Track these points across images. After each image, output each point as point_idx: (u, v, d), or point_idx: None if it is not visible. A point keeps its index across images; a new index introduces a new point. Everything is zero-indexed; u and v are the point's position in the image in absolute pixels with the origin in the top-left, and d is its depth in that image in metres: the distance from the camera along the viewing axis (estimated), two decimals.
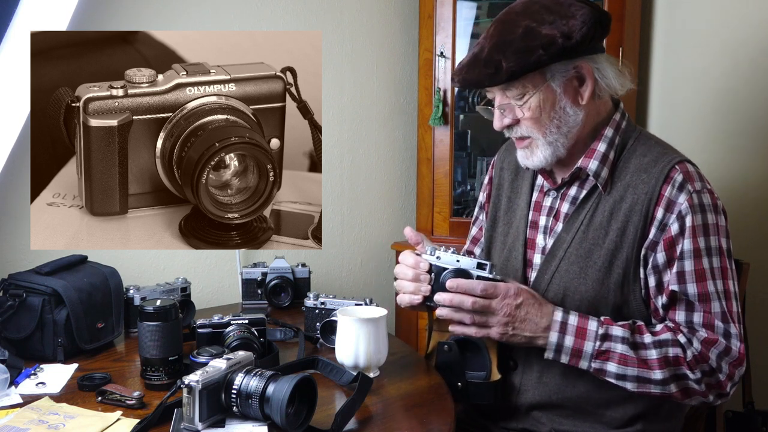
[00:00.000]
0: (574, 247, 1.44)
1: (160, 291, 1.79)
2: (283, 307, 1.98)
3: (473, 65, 1.39)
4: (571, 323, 1.36)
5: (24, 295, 1.56)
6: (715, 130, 2.20)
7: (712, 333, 1.34)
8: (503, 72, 1.34)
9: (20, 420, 1.26)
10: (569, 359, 1.37)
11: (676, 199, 1.36)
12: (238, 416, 1.25)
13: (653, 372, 1.33)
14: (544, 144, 1.42)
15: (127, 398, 1.34)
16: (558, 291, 1.45)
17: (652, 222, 1.38)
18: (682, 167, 1.39)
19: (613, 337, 1.35)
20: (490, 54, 1.36)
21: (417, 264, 1.44)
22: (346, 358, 1.47)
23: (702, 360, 1.32)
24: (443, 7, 2.28)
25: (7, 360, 1.45)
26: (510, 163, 1.64)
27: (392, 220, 2.57)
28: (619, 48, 2.22)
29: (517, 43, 1.34)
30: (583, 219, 1.44)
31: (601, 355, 1.34)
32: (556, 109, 1.40)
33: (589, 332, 1.35)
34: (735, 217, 2.15)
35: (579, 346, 1.35)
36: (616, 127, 1.46)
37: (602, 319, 1.37)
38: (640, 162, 1.42)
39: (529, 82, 1.38)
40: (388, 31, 2.46)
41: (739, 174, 2.14)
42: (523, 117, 1.41)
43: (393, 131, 2.52)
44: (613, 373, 1.35)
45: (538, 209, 1.54)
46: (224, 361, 1.25)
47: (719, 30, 2.18)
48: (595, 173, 1.43)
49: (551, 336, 1.36)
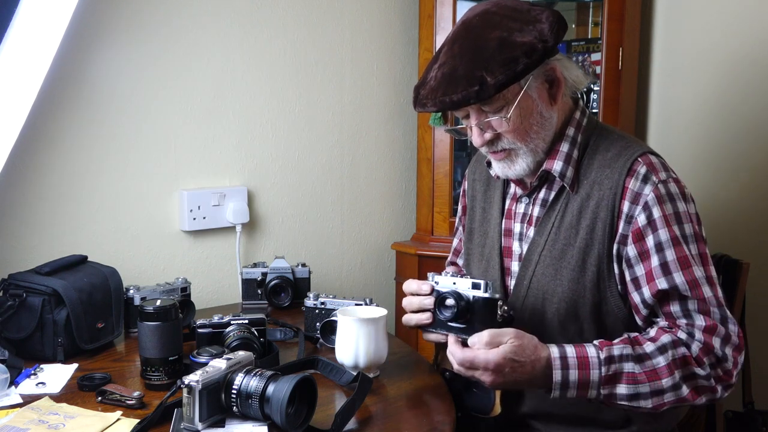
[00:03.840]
0: (547, 249, 1.43)
1: (160, 291, 1.79)
2: (283, 307, 1.98)
3: (452, 85, 1.33)
4: (570, 355, 1.29)
5: (24, 295, 1.56)
6: (715, 130, 2.20)
7: (709, 319, 1.31)
8: (490, 87, 1.30)
9: (20, 420, 1.26)
10: (577, 392, 1.29)
11: (641, 191, 1.34)
12: (238, 416, 1.25)
13: (664, 380, 1.28)
14: (526, 152, 1.40)
15: (127, 398, 1.34)
16: (537, 295, 1.43)
17: (620, 216, 1.36)
18: (644, 159, 1.37)
19: (616, 357, 1.29)
20: (469, 71, 1.31)
21: (420, 288, 1.42)
22: (346, 358, 1.47)
23: (707, 351, 1.30)
24: (443, 7, 2.28)
25: (7, 360, 1.45)
26: (481, 173, 1.63)
27: (392, 220, 2.57)
28: (619, 48, 2.22)
29: (497, 56, 1.30)
30: (554, 221, 1.43)
31: (609, 381, 1.28)
32: (534, 115, 1.38)
33: (591, 360, 1.28)
34: (735, 217, 2.16)
35: (585, 378, 1.28)
36: (577, 125, 1.44)
37: (596, 342, 1.31)
38: (604, 157, 1.40)
39: (507, 93, 1.34)
40: (388, 31, 2.46)
41: (739, 174, 2.14)
42: (504, 130, 1.38)
43: (393, 131, 2.52)
44: (625, 395, 1.29)
45: (511, 216, 1.53)
46: (224, 361, 1.25)
47: (719, 30, 2.18)
48: (561, 174, 1.41)
49: (555, 375, 1.28)
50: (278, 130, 2.26)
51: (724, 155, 2.17)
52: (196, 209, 2.09)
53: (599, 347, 1.30)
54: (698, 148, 2.22)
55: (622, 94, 2.26)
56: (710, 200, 2.16)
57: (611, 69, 2.23)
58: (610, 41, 2.22)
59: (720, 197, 2.17)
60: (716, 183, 2.17)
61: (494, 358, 1.26)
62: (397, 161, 2.54)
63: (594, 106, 2.30)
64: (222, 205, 2.14)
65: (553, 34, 1.32)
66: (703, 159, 2.20)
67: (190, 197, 2.07)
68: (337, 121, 2.39)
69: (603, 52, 2.24)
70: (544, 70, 1.37)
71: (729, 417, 1.76)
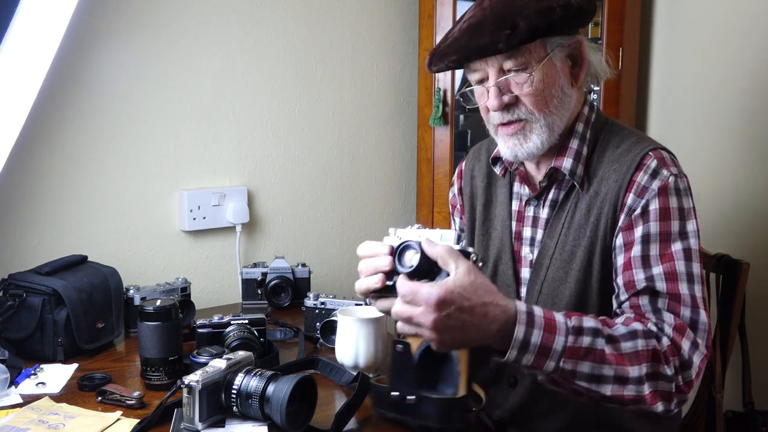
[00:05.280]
0: (558, 252, 1.36)
1: (160, 291, 1.79)
2: (283, 307, 1.98)
3: (478, 30, 1.23)
4: (538, 314, 1.10)
5: (24, 295, 1.56)
6: (715, 130, 2.20)
7: (678, 319, 1.20)
8: (522, 30, 1.19)
9: (20, 420, 1.26)
10: (534, 359, 1.09)
11: (649, 185, 1.26)
12: (238, 416, 1.25)
13: (630, 368, 1.12)
14: (542, 126, 1.30)
15: (127, 398, 1.34)
16: (546, 301, 1.36)
17: (622, 209, 1.28)
18: (656, 153, 1.29)
19: (586, 330, 1.12)
20: (500, 16, 1.22)
21: (377, 250, 1.14)
22: (346, 358, 1.47)
23: (675, 350, 1.17)
24: (443, 7, 2.28)
25: (7, 360, 1.45)
26: (480, 169, 1.54)
27: (392, 220, 2.56)
28: (619, 48, 2.22)
29: (532, 4, 1.22)
30: (563, 222, 1.36)
31: (574, 354, 1.10)
32: (556, 87, 1.29)
33: (559, 325, 1.10)
34: (735, 217, 2.16)
35: (548, 342, 1.09)
36: (586, 121, 1.37)
37: (564, 312, 1.16)
38: (613, 153, 1.33)
39: (533, 53, 1.26)
40: (388, 31, 2.46)
41: (739, 173, 2.14)
42: (526, 92, 1.27)
43: (393, 131, 2.52)
44: (586, 374, 1.11)
45: (521, 219, 1.45)
46: (224, 361, 1.25)
47: (719, 30, 2.18)
48: (571, 171, 1.34)
49: (518, 331, 1.07)
50: (278, 130, 2.26)
51: (724, 155, 2.17)
52: (196, 209, 2.09)
53: (567, 315, 1.14)
54: (698, 147, 2.22)
55: (622, 94, 2.26)
56: (710, 200, 2.16)
57: None
58: (610, 41, 2.22)
59: (720, 197, 2.16)
60: (716, 183, 2.17)
61: (438, 290, 1.04)
62: (397, 161, 2.54)
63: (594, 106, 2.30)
64: (222, 205, 2.14)
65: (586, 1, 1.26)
66: (703, 159, 2.20)
67: (190, 197, 2.07)
68: (337, 121, 2.39)
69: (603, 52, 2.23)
70: (571, 42, 1.30)
71: (729, 417, 1.75)
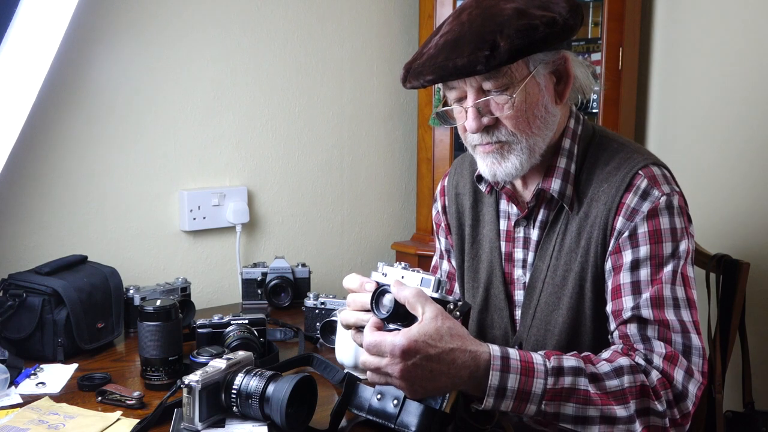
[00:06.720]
0: (549, 276, 1.29)
1: (160, 291, 1.79)
2: (283, 307, 1.98)
3: (455, 48, 1.14)
4: (513, 357, 1.07)
5: (24, 295, 1.56)
6: (714, 131, 2.20)
7: (669, 347, 1.14)
8: (503, 52, 1.12)
9: (20, 420, 1.26)
10: (513, 404, 1.06)
11: (639, 207, 1.20)
12: (238, 416, 1.25)
13: (617, 408, 1.08)
14: (522, 148, 1.22)
15: (127, 398, 1.34)
16: (540, 327, 1.31)
17: (612, 233, 1.21)
18: (646, 171, 1.22)
19: (566, 370, 1.08)
20: (478, 34, 1.14)
21: (362, 285, 1.16)
22: (346, 358, 1.47)
23: (667, 382, 1.11)
24: (443, 7, 2.28)
25: (7, 360, 1.45)
26: (465, 186, 1.45)
27: (392, 220, 2.57)
28: (619, 48, 2.22)
29: (514, 22, 1.14)
30: (554, 244, 1.29)
31: (555, 396, 1.06)
32: (539, 107, 1.21)
33: (537, 367, 1.07)
34: (735, 217, 2.16)
35: (526, 387, 1.06)
36: (573, 136, 1.29)
37: (542, 352, 1.11)
38: (602, 171, 1.25)
39: (514, 72, 1.18)
40: (388, 31, 2.46)
41: (738, 174, 2.14)
42: (506, 114, 1.19)
43: (393, 131, 2.52)
44: (570, 416, 1.07)
45: (510, 239, 1.37)
46: (224, 361, 1.25)
47: (719, 30, 2.18)
48: (560, 193, 1.26)
49: (492, 378, 1.04)
50: (278, 130, 2.26)
51: (724, 155, 2.17)
52: (196, 209, 2.09)
53: (546, 356, 1.10)
54: (698, 147, 2.22)
55: (622, 94, 2.26)
56: (710, 200, 2.16)
57: (611, 69, 2.23)
58: (610, 41, 2.22)
59: (720, 197, 2.16)
60: (716, 183, 2.17)
61: (401, 340, 1.02)
62: (397, 161, 2.54)
63: (594, 106, 2.30)
64: (222, 205, 2.14)
65: (572, 15, 1.17)
66: (703, 159, 2.20)
67: (190, 197, 2.07)
68: (337, 121, 2.39)
69: (603, 52, 2.23)
70: (555, 58, 1.22)
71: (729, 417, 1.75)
